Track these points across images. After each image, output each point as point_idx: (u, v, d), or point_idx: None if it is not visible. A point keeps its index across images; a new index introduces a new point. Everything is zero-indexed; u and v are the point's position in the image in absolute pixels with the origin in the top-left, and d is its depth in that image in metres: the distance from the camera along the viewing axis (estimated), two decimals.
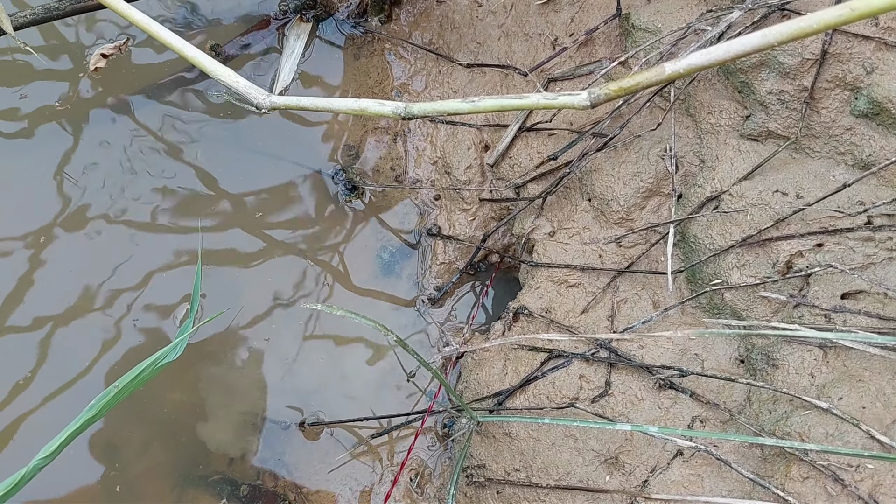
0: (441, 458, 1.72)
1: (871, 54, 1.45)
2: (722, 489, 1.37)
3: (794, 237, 1.45)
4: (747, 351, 1.48)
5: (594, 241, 1.67)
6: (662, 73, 1.12)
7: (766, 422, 1.36)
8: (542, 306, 1.66)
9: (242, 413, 1.74)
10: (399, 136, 1.96)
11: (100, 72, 1.93)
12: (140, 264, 1.83)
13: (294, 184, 1.93)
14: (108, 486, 1.65)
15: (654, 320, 1.56)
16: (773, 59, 1.51)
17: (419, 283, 1.87)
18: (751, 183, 1.52)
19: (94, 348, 1.75)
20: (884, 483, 1.23)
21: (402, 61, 2.00)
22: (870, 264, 1.40)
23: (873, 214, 1.42)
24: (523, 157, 1.80)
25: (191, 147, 1.94)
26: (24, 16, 1.82)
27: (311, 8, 2.06)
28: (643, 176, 1.64)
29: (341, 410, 1.75)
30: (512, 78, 1.89)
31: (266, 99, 1.42)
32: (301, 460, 1.71)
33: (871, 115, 1.46)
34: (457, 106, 1.31)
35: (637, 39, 1.70)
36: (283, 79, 1.99)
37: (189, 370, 1.76)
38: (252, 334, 1.80)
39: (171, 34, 1.46)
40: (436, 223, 1.89)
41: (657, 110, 1.69)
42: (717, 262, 1.52)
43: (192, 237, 1.87)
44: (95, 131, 1.94)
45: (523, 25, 1.89)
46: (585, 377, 1.54)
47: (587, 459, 1.47)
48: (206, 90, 2.00)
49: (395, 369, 1.78)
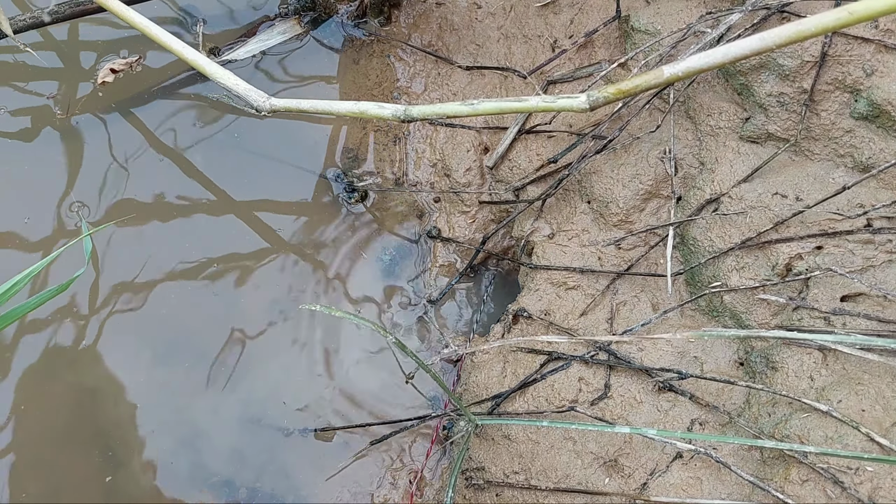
0: (440, 460, 1.72)
1: (870, 56, 1.45)
2: (721, 492, 1.37)
3: (794, 240, 1.45)
4: (746, 353, 1.48)
5: (593, 243, 1.67)
6: (661, 76, 1.12)
7: (766, 424, 1.36)
8: (542, 308, 1.66)
9: (243, 416, 1.74)
10: (398, 139, 1.96)
11: (106, 86, 1.93)
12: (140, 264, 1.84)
13: (294, 186, 1.93)
14: (100, 477, 1.66)
15: (653, 323, 1.56)
16: (773, 62, 1.51)
17: (419, 285, 1.87)
18: (750, 185, 1.52)
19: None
20: (883, 486, 1.23)
21: (402, 63, 2.00)
22: (869, 267, 1.40)
23: (873, 217, 1.42)
24: (522, 160, 1.80)
25: (190, 150, 1.94)
26: (24, 19, 1.82)
27: (310, 10, 2.06)
28: (642, 178, 1.64)
29: (343, 414, 1.75)
30: (511, 80, 1.89)
31: (266, 101, 1.43)
32: (300, 464, 1.71)
33: (870, 118, 1.46)
34: (456, 108, 1.31)
35: (636, 41, 1.70)
36: (237, 53, 1.98)
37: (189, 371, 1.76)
38: (252, 335, 1.80)
39: (170, 37, 1.46)
40: (435, 225, 1.89)
41: (656, 112, 1.69)
42: (716, 264, 1.52)
43: (192, 237, 1.87)
44: (95, 133, 1.94)
45: (522, 27, 1.89)
46: (584, 379, 1.54)
47: (586, 462, 1.47)
48: (205, 93, 2.00)
49: (397, 371, 1.78)
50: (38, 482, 1.67)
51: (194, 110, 1.99)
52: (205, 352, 1.78)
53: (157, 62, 2.02)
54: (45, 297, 1.39)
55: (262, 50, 2.02)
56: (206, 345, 1.79)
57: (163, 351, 1.78)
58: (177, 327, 1.80)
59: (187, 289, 1.83)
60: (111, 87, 1.95)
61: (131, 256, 1.85)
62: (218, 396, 1.75)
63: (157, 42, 1.46)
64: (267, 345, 1.80)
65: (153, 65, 2.01)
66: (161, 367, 1.77)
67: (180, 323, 1.80)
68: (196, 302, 1.81)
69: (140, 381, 1.75)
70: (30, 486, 1.67)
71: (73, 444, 1.70)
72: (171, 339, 1.79)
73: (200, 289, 1.83)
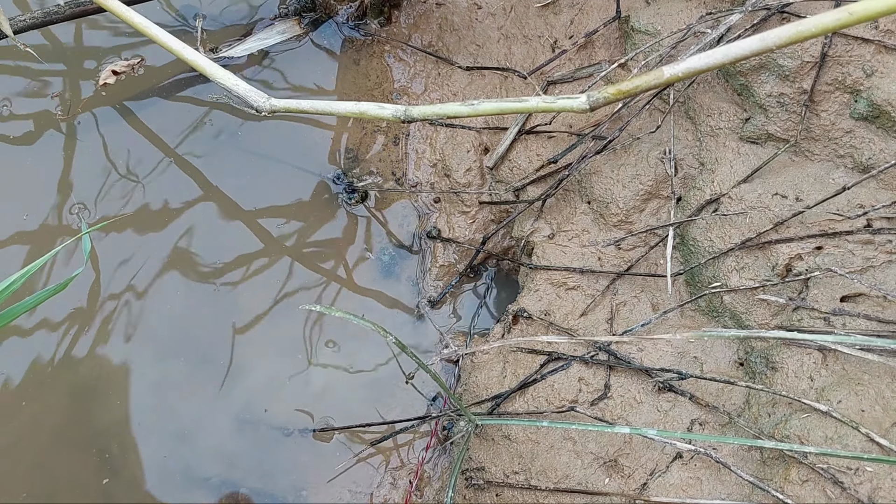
0: (440, 460, 1.72)
1: (870, 57, 1.45)
2: (721, 492, 1.37)
3: (794, 240, 1.45)
4: (746, 354, 1.48)
5: (593, 243, 1.67)
6: (661, 77, 1.12)
7: (766, 425, 1.36)
8: (542, 309, 1.66)
9: (242, 416, 1.74)
10: (398, 139, 1.96)
11: (107, 87, 1.93)
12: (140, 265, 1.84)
13: (294, 187, 1.93)
14: (97, 479, 1.66)
15: (653, 323, 1.56)
16: (773, 62, 1.51)
17: (419, 286, 1.87)
18: (750, 186, 1.52)
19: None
20: (883, 486, 1.23)
21: (402, 64, 2.00)
22: (869, 267, 1.40)
23: (873, 217, 1.42)
24: (522, 160, 1.80)
25: (190, 150, 1.94)
26: (24, 19, 1.82)
27: (310, 10, 2.06)
28: (642, 178, 1.64)
29: (344, 415, 1.75)
30: (511, 80, 1.89)
31: (266, 102, 1.43)
32: (300, 464, 1.71)
33: (870, 118, 1.46)
34: (456, 109, 1.31)
35: (636, 42, 1.70)
36: (234, 51, 1.98)
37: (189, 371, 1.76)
38: (251, 335, 1.80)
39: (170, 37, 1.46)
40: (435, 226, 1.89)
41: (656, 113, 1.69)
42: (716, 264, 1.52)
43: (192, 238, 1.87)
44: (95, 134, 1.94)
45: (522, 27, 1.90)
46: (584, 380, 1.54)
47: (586, 462, 1.47)
48: (205, 93, 2.00)
49: (397, 371, 1.78)
50: (36, 483, 1.67)
51: (194, 111, 1.99)
52: (203, 352, 1.78)
53: (157, 62, 2.02)
54: (42, 296, 1.38)
55: (260, 48, 2.02)
56: (205, 345, 1.79)
57: (161, 351, 1.78)
58: (176, 327, 1.80)
59: (187, 289, 1.83)
60: (112, 88, 1.96)
61: (131, 257, 1.85)
62: (217, 397, 1.75)
63: (157, 42, 1.46)
64: (266, 345, 1.80)
65: (154, 65, 2.01)
66: (160, 368, 1.77)
67: (179, 323, 1.80)
68: (195, 302, 1.81)
69: (139, 381, 1.75)
70: (28, 487, 1.67)
71: (71, 446, 1.70)
72: (170, 339, 1.79)
73: (200, 289, 1.83)
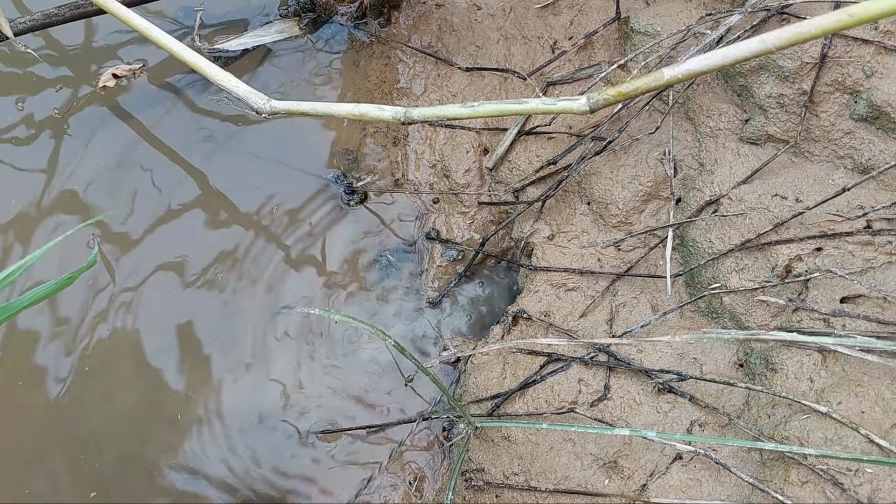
0: (440, 461, 1.72)
1: (870, 58, 1.45)
2: (721, 493, 1.37)
3: (794, 241, 1.45)
4: (746, 355, 1.48)
5: (593, 244, 1.67)
6: (661, 79, 1.11)
7: (765, 426, 1.36)
8: (541, 310, 1.66)
9: (245, 417, 1.74)
10: (398, 140, 1.96)
11: (107, 90, 1.93)
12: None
13: (293, 188, 1.93)
14: (85, 488, 1.66)
15: (652, 324, 1.56)
16: (773, 63, 1.51)
17: (418, 286, 1.87)
18: (750, 187, 1.52)
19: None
20: (882, 487, 1.23)
21: (401, 65, 2.00)
22: (869, 268, 1.40)
23: (873, 218, 1.42)
24: (522, 161, 1.80)
25: (189, 151, 1.94)
26: (24, 21, 1.82)
27: (310, 11, 2.06)
28: (642, 179, 1.64)
29: (345, 416, 1.75)
30: (511, 81, 1.89)
31: (266, 104, 1.42)
32: (302, 465, 1.71)
33: (870, 119, 1.46)
34: (456, 111, 1.31)
35: (636, 43, 1.70)
36: (229, 45, 1.98)
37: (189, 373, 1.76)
38: (252, 337, 1.80)
39: (170, 38, 1.46)
40: (434, 226, 1.89)
41: (656, 114, 1.69)
42: (715, 265, 1.52)
43: (192, 238, 1.87)
44: (94, 135, 1.94)
45: (522, 28, 1.90)
46: (584, 381, 1.54)
47: (586, 463, 1.47)
48: (205, 95, 2.00)
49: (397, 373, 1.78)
50: (34, 484, 1.67)
51: (194, 112, 1.99)
52: (204, 353, 1.78)
53: (156, 64, 2.02)
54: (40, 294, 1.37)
55: (256, 44, 2.01)
56: (206, 347, 1.79)
57: (161, 352, 1.78)
58: (176, 328, 1.80)
59: (187, 289, 1.83)
60: (111, 88, 1.96)
61: (131, 257, 1.85)
62: (219, 398, 1.75)
63: (156, 44, 1.46)
64: (267, 347, 1.80)
65: (153, 66, 2.01)
66: (160, 369, 1.77)
67: (179, 324, 1.80)
68: (196, 303, 1.81)
69: (139, 381, 1.75)
70: (28, 486, 1.67)
71: (68, 447, 1.70)
72: (170, 340, 1.79)
73: (200, 289, 1.83)
